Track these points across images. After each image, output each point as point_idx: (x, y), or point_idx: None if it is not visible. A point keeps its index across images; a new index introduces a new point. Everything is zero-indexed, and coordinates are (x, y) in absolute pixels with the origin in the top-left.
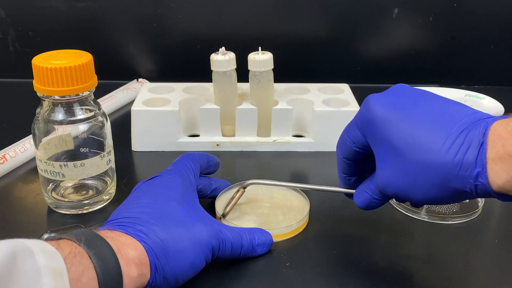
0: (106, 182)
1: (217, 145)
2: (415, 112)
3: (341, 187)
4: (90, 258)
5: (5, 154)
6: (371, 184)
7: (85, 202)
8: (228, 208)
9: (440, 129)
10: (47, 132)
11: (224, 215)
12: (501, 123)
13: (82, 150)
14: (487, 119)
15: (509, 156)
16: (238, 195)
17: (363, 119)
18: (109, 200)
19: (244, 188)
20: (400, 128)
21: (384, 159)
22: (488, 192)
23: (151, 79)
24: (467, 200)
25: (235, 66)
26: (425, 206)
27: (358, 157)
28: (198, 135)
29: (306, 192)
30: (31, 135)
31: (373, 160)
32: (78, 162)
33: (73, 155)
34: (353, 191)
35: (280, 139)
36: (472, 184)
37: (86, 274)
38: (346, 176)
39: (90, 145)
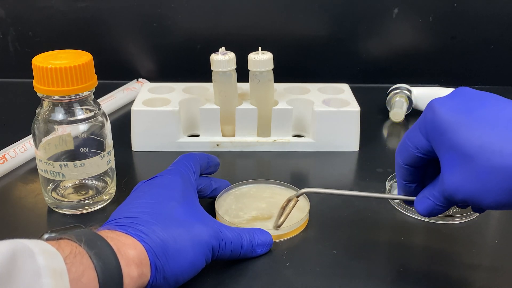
0: (106, 182)
1: (217, 145)
2: (483, 115)
3: (400, 194)
4: (91, 258)
5: (5, 154)
6: (433, 191)
7: (85, 202)
8: (282, 218)
9: (511, 131)
10: (47, 132)
11: (278, 226)
12: None
13: (82, 150)
14: None
15: None
16: (291, 204)
17: (428, 123)
18: (109, 200)
19: (297, 197)
20: (469, 131)
21: (452, 164)
22: None
23: (151, 79)
24: None
25: (235, 66)
26: None
27: (420, 163)
28: (198, 135)
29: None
30: (31, 135)
31: (434, 167)
32: (78, 162)
33: (73, 155)
34: (413, 198)
35: (280, 139)
36: None
37: (86, 274)
38: (406, 183)
39: (90, 145)
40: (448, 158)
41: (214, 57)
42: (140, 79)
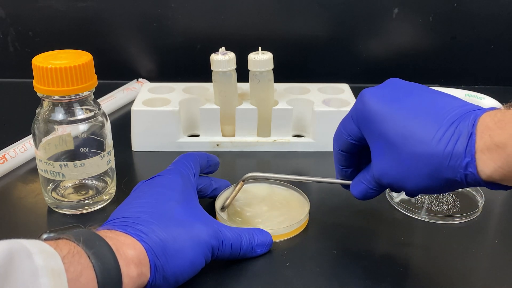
0: (106, 182)
1: (217, 145)
2: (408, 105)
3: (338, 179)
4: (89, 258)
5: (5, 154)
6: (367, 175)
7: (85, 202)
8: (227, 201)
9: (432, 121)
10: (47, 132)
11: (223, 208)
12: (489, 114)
13: (82, 150)
14: (477, 111)
15: (496, 146)
16: (238, 187)
17: (358, 112)
18: (109, 200)
19: (243, 181)
20: (394, 120)
21: (379, 151)
22: (477, 181)
23: (151, 79)
24: (460, 190)
25: (235, 66)
26: (425, 206)
27: (354, 150)
28: (198, 135)
29: (306, 192)
30: (31, 135)
31: (368, 152)
32: (78, 162)
33: (73, 155)
34: (350, 182)
35: (280, 139)
36: (462, 174)
37: (85, 274)
38: (342, 168)
39: (90, 145)
40: (376, 145)
41: (214, 57)
42: (140, 79)
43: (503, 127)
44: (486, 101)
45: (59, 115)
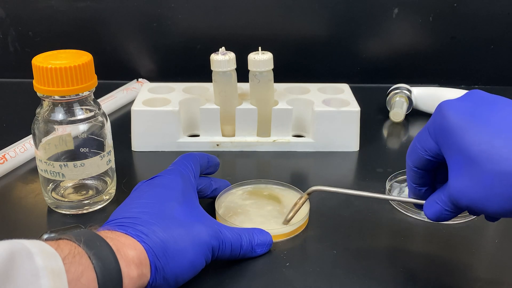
0: (106, 182)
1: (217, 145)
2: (492, 118)
3: (410, 197)
4: (90, 259)
5: (5, 154)
6: (442, 195)
7: (85, 202)
8: (291, 214)
9: None
10: (47, 132)
11: (288, 220)
12: None
13: (82, 150)
14: None
15: None
16: (302, 200)
17: (436, 125)
18: (109, 200)
19: (309, 194)
20: (477, 135)
21: (458, 169)
22: None
23: (151, 79)
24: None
25: (235, 66)
26: None
27: (430, 166)
28: (198, 135)
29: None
30: (31, 135)
31: (445, 170)
32: (78, 162)
33: (73, 155)
34: (423, 202)
35: (280, 139)
36: None
37: (85, 275)
38: (416, 186)
39: (90, 145)
40: (455, 161)
41: (214, 57)
42: (140, 79)
43: None
44: None
45: (59, 115)
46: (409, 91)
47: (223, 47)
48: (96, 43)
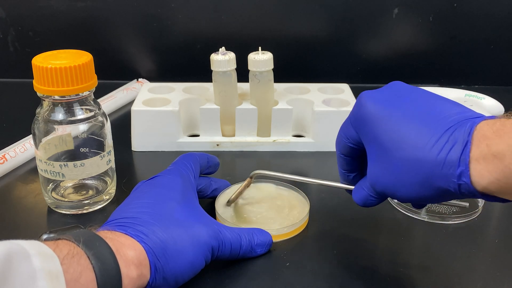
0: (106, 182)
1: (217, 145)
2: (404, 110)
3: (342, 183)
4: (89, 259)
5: (5, 154)
6: (367, 181)
7: (85, 202)
8: (233, 196)
9: (427, 127)
10: (47, 132)
11: (229, 202)
12: (487, 123)
13: (82, 150)
14: (475, 119)
15: (493, 156)
16: (245, 183)
17: (355, 115)
18: (109, 200)
19: (251, 177)
20: (388, 125)
21: (373, 156)
22: (472, 192)
23: (151, 79)
24: (455, 201)
25: (235, 66)
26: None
27: (355, 154)
28: (198, 135)
29: (306, 192)
30: (31, 135)
31: None
32: (78, 162)
33: (73, 155)
34: (353, 187)
35: (280, 139)
36: (455, 183)
37: (84, 275)
38: (345, 172)
39: (90, 145)
40: (371, 149)
41: (214, 57)
42: (140, 79)
43: (502, 137)
44: (486, 101)
45: (59, 115)
46: None
47: (223, 47)
48: (96, 43)
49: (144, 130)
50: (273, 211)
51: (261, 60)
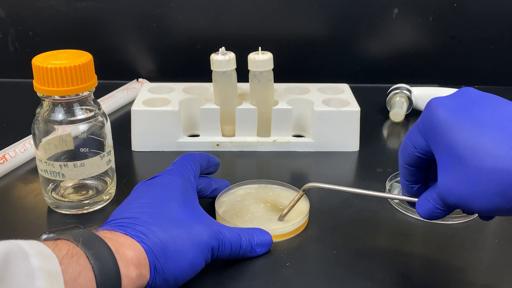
0: (106, 182)
1: (217, 145)
2: (480, 116)
3: (403, 195)
4: (88, 259)
5: (5, 154)
6: (434, 193)
7: (85, 202)
8: (286, 210)
9: (505, 135)
10: (47, 132)
11: (281, 216)
12: None
13: (82, 150)
14: None
15: None
16: (297, 197)
17: (425, 123)
18: (109, 200)
19: (304, 190)
20: (463, 132)
21: (446, 166)
22: None
23: (151, 79)
24: None
25: (235, 66)
26: None
27: (421, 164)
28: (198, 135)
29: (306, 192)
30: (31, 135)
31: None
32: (78, 162)
33: (73, 155)
34: (416, 199)
35: (280, 139)
36: None
37: (83, 275)
38: (409, 183)
39: (90, 145)
40: (443, 159)
41: (214, 57)
42: (140, 79)
43: None
44: None
45: (59, 115)
46: (409, 91)
47: (223, 47)
48: (96, 43)
49: (144, 130)
50: (273, 211)
51: (261, 60)
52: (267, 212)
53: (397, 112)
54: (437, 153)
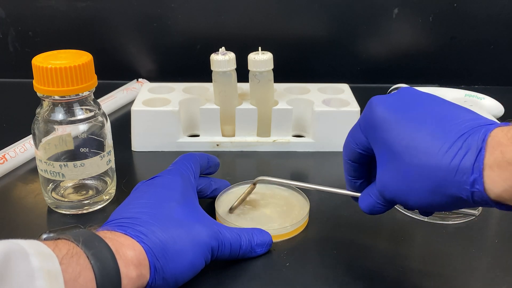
0: (106, 182)
1: (217, 145)
2: (416, 115)
3: (348, 190)
4: (88, 259)
5: (5, 154)
6: (375, 189)
7: (85, 202)
8: (236, 203)
9: (440, 133)
10: (47, 132)
11: (231, 209)
12: (501, 129)
13: (82, 150)
14: (488, 125)
15: (508, 163)
16: (247, 190)
17: (365, 120)
18: (109, 200)
19: (254, 184)
20: (399, 130)
21: (383, 162)
22: (485, 200)
23: (151, 79)
24: (467, 210)
25: (235, 66)
26: None
27: (363, 160)
28: (198, 135)
29: (306, 192)
30: (31, 135)
31: None
32: (78, 162)
33: (73, 155)
34: (359, 194)
35: (280, 139)
36: (468, 191)
37: (83, 275)
38: (352, 178)
39: (90, 145)
40: (381, 155)
41: (214, 57)
42: (140, 79)
43: None
44: (486, 101)
45: (59, 115)
46: None
47: (223, 47)
48: (96, 43)
49: (144, 130)
50: (273, 211)
51: (261, 60)
52: (267, 212)
53: None
54: (376, 149)
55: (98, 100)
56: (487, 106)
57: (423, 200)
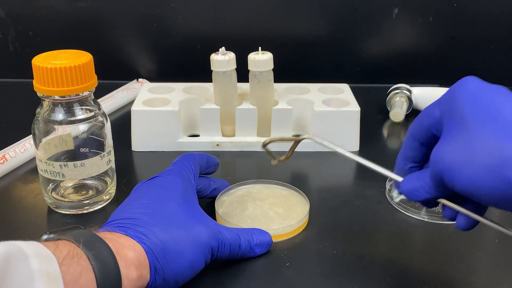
0: (106, 182)
1: (217, 145)
2: (505, 95)
3: (395, 173)
4: (89, 260)
5: (5, 154)
6: (426, 173)
7: (85, 202)
8: (283, 157)
9: None
10: (47, 132)
11: (279, 161)
12: None
13: (82, 150)
14: None
15: None
16: (293, 146)
17: (452, 92)
18: (109, 200)
19: (299, 140)
20: (484, 100)
21: (449, 134)
22: None
23: (151, 79)
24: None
25: (235, 66)
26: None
27: (426, 139)
28: (198, 135)
29: (306, 192)
30: (31, 135)
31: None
32: (78, 162)
33: (73, 155)
34: (401, 179)
35: None
36: None
37: (84, 276)
38: (405, 159)
39: (90, 145)
40: (450, 126)
41: (214, 57)
42: (140, 79)
43: None
44: None
45: (59, 115)
46: (409, 91)
47: (223, 47)
48: (96, 43)
49: (144, 130)
50: (273, 211)
51: (261, 60)
52: (267, 212)
53: (397, 112)
54: (447, 121)
55: (98, 100)
56: None
57: (476, 176)
